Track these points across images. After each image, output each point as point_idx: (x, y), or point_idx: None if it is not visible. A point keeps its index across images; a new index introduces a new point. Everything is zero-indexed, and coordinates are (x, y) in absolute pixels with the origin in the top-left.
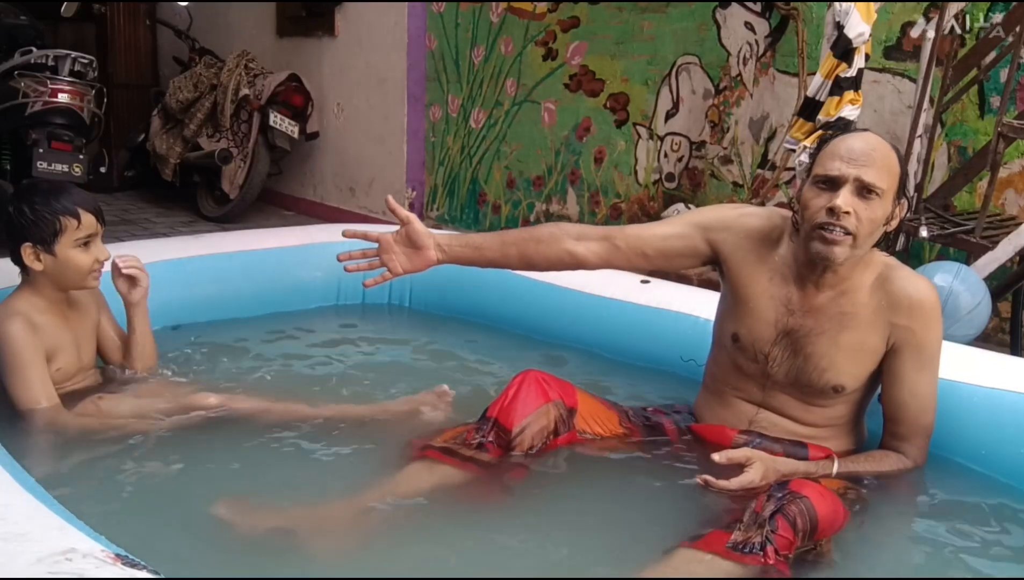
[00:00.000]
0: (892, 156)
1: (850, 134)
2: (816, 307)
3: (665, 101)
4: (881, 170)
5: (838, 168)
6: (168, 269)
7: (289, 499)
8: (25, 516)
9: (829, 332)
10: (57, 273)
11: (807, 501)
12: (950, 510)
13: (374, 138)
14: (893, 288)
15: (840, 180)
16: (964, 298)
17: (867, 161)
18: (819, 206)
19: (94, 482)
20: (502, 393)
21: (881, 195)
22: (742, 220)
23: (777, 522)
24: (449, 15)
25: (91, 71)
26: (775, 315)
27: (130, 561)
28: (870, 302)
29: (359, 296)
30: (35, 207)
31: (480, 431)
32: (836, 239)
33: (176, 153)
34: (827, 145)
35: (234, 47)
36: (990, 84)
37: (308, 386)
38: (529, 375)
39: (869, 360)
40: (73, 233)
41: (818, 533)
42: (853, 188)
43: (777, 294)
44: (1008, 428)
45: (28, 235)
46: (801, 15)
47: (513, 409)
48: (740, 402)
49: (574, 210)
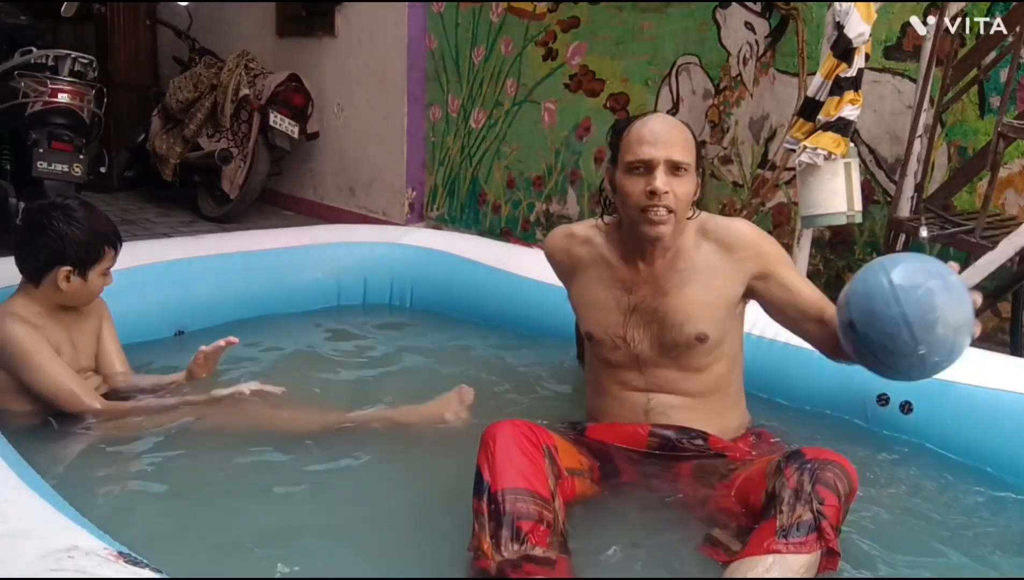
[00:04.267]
0: (687, 132)
1: (647, 117)
2: (652, 276)
3: (665, 101)
4: (685, 147)
5: (648, 152)
6: (168, 270)
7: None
8: (28, 513)
9: (672, 290)
10: (72, 295)
11: (838, 464)
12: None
13: (374, 138)
14: (717, 235)
15: (653, 162)
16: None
17: (672, 140)
18: (639, 190)
19: (97, 480)
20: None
21: (688, 169)
22: (549, 243)
23: (820, 493)
24: (449, 15)
25: (91, 71)
26: (616, 300)
27: (132, 559)
28: (700, 254)
29: (360, 296)
30: (81, 231)
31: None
32: (661, 219)
33: (176, 153)
34: (627, 133)
35: (234, 47)
36: (990, 84)
37: (315, 389)
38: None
39: (722, 305)
40: (108, 262)
41: (852, 495)
42: (666, 168)
43: (610, 281)
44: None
45: (70, 258)
46: (801, 15)
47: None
48: (629, 393)
49: (574, 210)
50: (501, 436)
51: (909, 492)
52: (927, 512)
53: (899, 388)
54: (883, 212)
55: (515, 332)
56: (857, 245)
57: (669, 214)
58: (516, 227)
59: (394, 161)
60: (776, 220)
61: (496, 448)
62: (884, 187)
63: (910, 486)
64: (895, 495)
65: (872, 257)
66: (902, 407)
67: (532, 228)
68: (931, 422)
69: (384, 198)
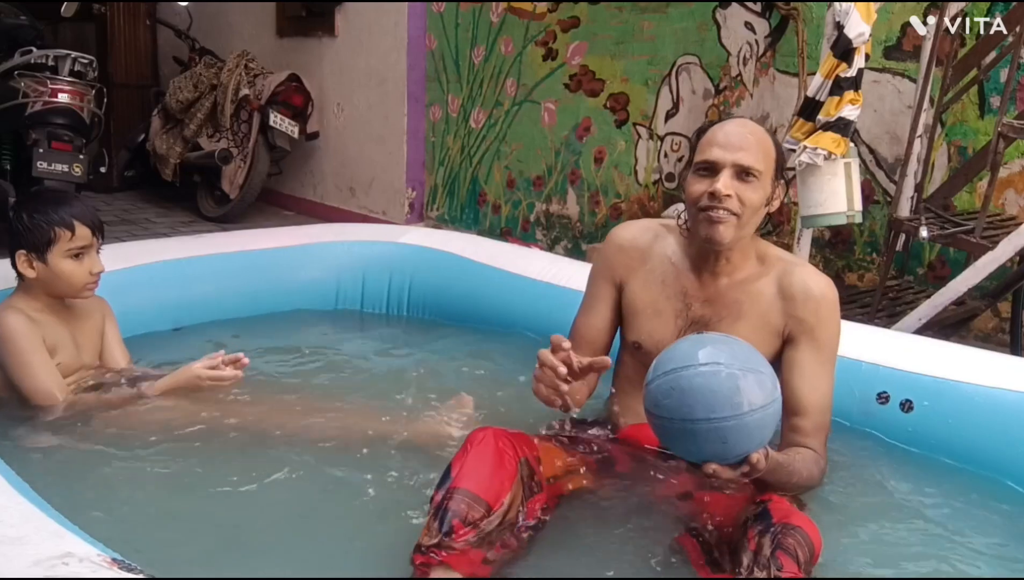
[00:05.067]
0: (767, 139)
1: (727, 121)
2: (713, 295)
3: (665, 101)
4: (757, 153)
5: (716, 154)
6: (167, 269)
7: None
8: (22, 520)
9: (727, 320)
10: (49, 281)
11: (801, 531)
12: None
13: (374, 138)
14: (790, 281)
15: (719, 165)
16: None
17: (743, 145)
18: (701, 191)
19: (91, 487)
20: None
21: (759, 177)
22: (612, 239)
23: (780, 559)
24: (449, 15)
25: (91, 71)
26: (674, 312)
27: (126, 565)
28: (765, 292)
29: (358, 296)
30: (32, 215)
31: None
32: (721, 218)
33: (176, 153)
34: (705, 134)
35: (234, 47)
36: (990, 84)
37: (311, 390)
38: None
39: (766, 350)
40: (65, 244)
41: (814, 559)
42: (732, 172)
43: (672, 290)
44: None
45: (22, 242)
46: (801, 15)
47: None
48: None
49: (574, 210)
50: (481, 441)
51: (908, 491)
52: (926, 511)
53: (900, 386)
54: (883, 212)
55: (515, 332)
56: (857, 245)
57: (731, 216)
58: (516, 227)
59: (394, 161)
60: (776, 220)
61: (471, 452)
62: (884, 187)
63: (909, 484)
64: (894, 494)
65: (872, 257)
66: (902, 405)
67: (532, 228)
68: (931, 421)
69: (384, 198)
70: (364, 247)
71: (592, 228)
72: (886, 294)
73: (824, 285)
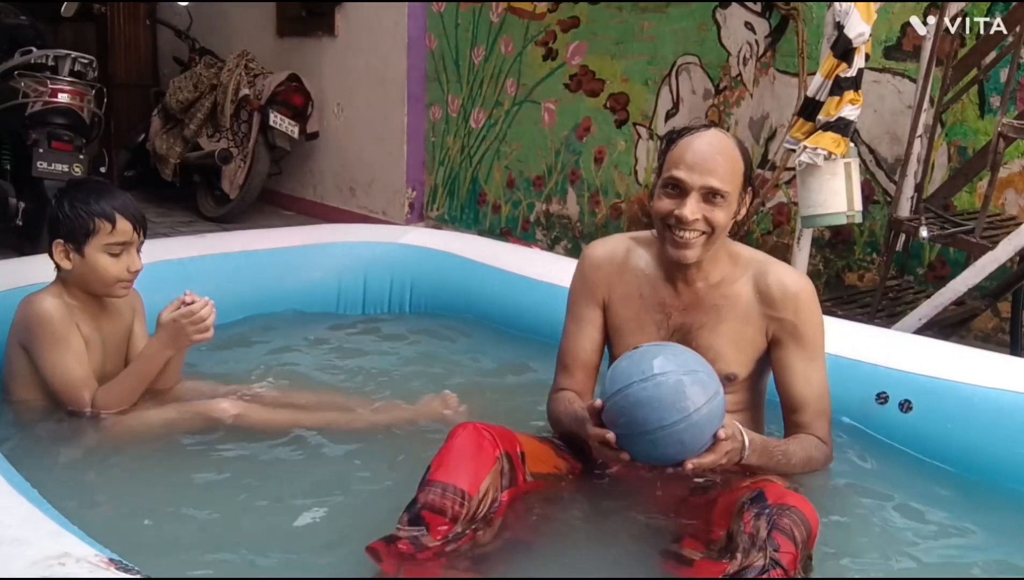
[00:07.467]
0: (735, 154)
1: (695, 135)
2: (692, 302)
3: (665, 101)
4: (725, 174)
5: (683, 175)
6: (167, 270)
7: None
8: (20, 520)
9: (708, 325)
10: (84, 276)
11: (796, 510)
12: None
13: (374, 138)
14: (767, 281)
15: (686, 186)
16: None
17: (712, 167)
18: (668, 210)
19: (89, 487)
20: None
21: (727, 197)
22: (588, 258)
23: (776, 540)
24: (449, 15)
25: (91, 71)
26: (655, 323)
27: (123, 566)
28: (743, 294)
29: (360, 297)
30: (74, 203)
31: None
32: (688, 242)
33: (176, 153)
34: (675, 146)
35: (234, 47)
36: (990, 84)
37: (311, 390)
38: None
39: (751, 349)
40: (105, 237)
41: (811, 540)
42: (699, 196)
43: (650, 303)
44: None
45: (61, 231)
46: (801, 15)
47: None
48: None
49: (574, 210)
50: (462, 435)
51: (907, 491)
52: (925, 512)
53: (899, 386)
54: (883, 212)
55: (515, 332)
56: (857, 245)
57: (699, 236)
58: (516, 227)
59: (394, 161)
60: (776, 220)
61: (452, 445)
62: (884, 187)
63: (908, 485)
64: (893, 494)
65: (872, 257)
66: (901, 406)
67: (532, 228)
68: (930, 421)
69: (384, 198)
70: (365, 248)
71: (592, 228)
72: (886, 294)
73: (799, 281)
